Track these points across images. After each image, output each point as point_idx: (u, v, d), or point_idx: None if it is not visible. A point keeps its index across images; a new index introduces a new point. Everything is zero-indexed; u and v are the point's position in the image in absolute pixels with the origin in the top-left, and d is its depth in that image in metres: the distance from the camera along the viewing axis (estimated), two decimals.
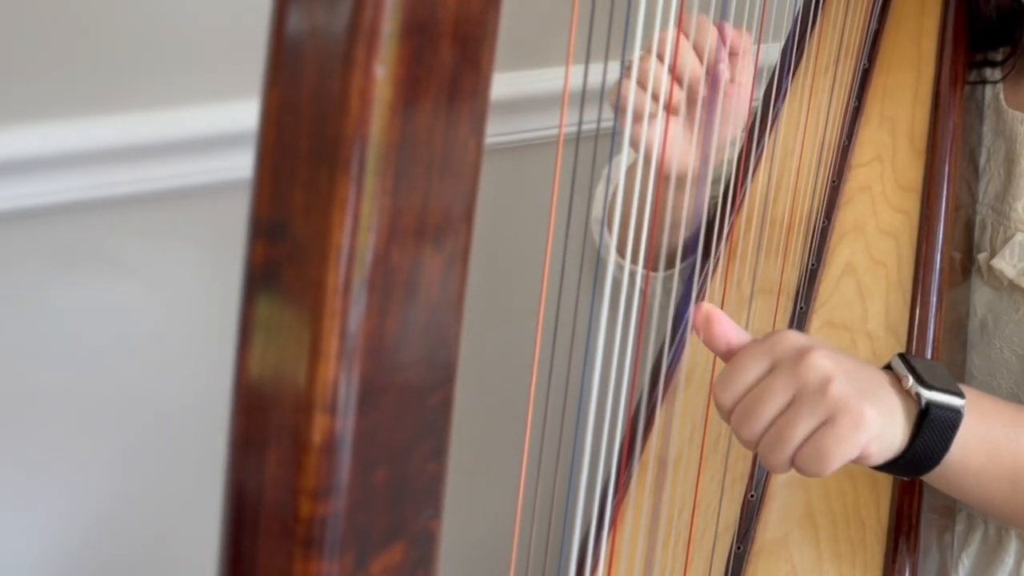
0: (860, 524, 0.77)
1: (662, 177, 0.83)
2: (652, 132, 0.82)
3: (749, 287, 0.89)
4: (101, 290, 1.12)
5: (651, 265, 0.93)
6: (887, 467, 0.70)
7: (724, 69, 0.84)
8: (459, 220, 0.39)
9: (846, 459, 0.66)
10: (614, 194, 0.94)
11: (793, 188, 0.95)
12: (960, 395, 0.70)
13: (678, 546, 0.77)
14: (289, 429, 0.36)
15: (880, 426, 0.67)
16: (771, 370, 0.68)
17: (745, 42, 0.85)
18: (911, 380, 0.69)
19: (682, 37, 0.83)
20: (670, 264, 0.97)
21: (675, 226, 0.92)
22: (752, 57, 0.87)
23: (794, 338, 0.69)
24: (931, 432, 0.69)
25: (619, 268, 0.90)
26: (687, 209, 0.90)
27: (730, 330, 0.70)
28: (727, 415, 0.69)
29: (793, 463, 0.67)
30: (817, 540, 0.77)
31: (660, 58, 0.83)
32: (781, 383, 0.67)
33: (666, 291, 0.98)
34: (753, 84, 0.88)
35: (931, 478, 0.74)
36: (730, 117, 0.88)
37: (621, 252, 0.74)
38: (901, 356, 0.72)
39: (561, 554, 0.63)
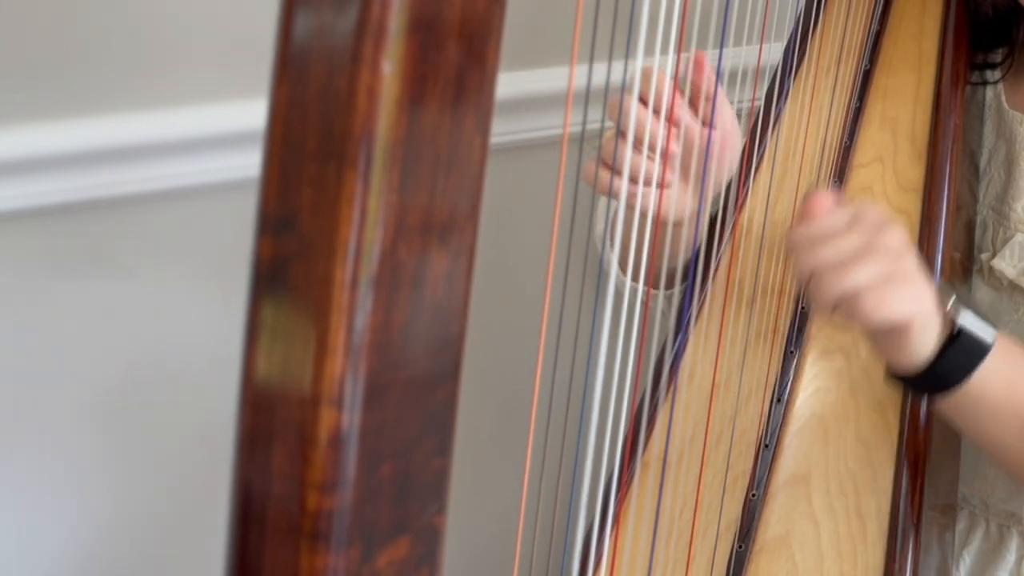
0: (861, 522, 0.77)
1: (659, 222, 0.83)
2: (646, 189, 0.81)
3: (751, 287, 0.89)
4: (101, 290, 1.12)
5: (652, 284, 0.93)
6: (913, 381, 0.76)
7: (695, 128, 0.83)
8: (465, 217, 0.39)
9: (896, 315, 0.71)
10: (615, 215, 0.94)
11: (795, 188, 0.95)
12: (992, 330, 0.75)
13: (680, 544, 0.77)
14: (296, 424, 0.36)
15: (929, 311, 0.73)
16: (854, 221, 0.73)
17: (709, 84, 0.82)
18: (952, 301, 0.74)
19: (641, 107, 0.79)
20: (671, 284, 0.97)
21: (674, 255, 0.91)
22: (724, 92, 0.84)
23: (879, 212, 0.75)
24: (958, 353, 0.74)
25: (621, 282, 0.90)
26: (685, 240, 0.90)
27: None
28: (799, 244, 0.73)
29: (841, 303, 0.71)
30: (818, 539, 0.77)
31: (623, 134, 0.80)
32: (864, 232, 0.72)
33: (667, 300, 0.98)
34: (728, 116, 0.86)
35: (951, 408, 0.78)
36: (722, 161, 0.87)
37: (623, 268, 0.74)
38: (946, 284, 0.78)
39: (564, 551, 0.64)
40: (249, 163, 0.37)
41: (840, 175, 0.97)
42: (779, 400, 0.84)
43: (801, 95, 0.99)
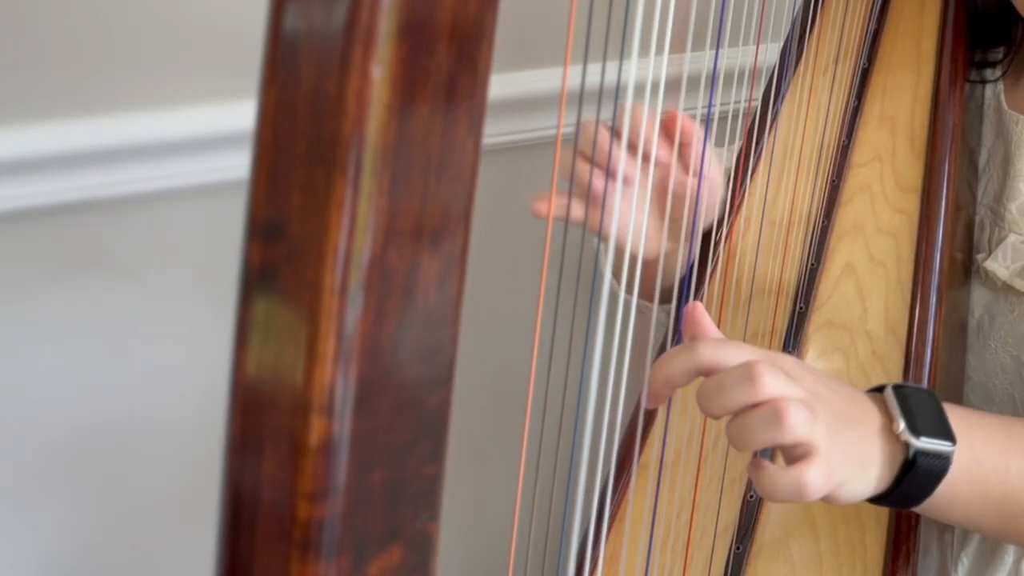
0: (860, 524, 0.77)
1: (622, 254, 0.81)
2: (612, 221, 0.78)
3: (748, 287, 0.89)
4: (101, 290, 1.12)
5: (647, 298, 0.92)
6: (874, 501, 0.68)
7: (671, 172, 0.81)
8: (456, 221, 0.38)
9: (797, 499, 0.63)
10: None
11: (793, 188, 0.95)
12: (951, 438, 0.67)
13: (677, 547, 0.77)
14: (286, 431, 0.36)
15: (849, 475, 0.64)
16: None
17: (692, 131, 0.80)
18: (902, 424, 0.66)
19: (606, 134, 0.77)
20: (663, 300, 0.97)
21: (650, 281, 0.91)
22: (710, 142, 0.83)
23: (790, 358, 0.67)
24: (916, 480, 0.66)
25: (616, 287, 0.90)
26: (660, 272, 0.88)
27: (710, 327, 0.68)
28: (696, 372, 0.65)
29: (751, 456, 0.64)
30: (817, 540, 0.77)
31: (586, 156, 0.77)
32: (770, 379, 0.62)
33: (663, 311, 0.98)
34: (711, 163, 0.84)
35: (921, 510, 0.71)
36: (700, 211, 0.85)
37: (617, 277, 0.73)
38: (896, 389, 0.68)
39: (560, 555, 0.63)
40: (248, 164, 0.37)
41: (838, 174, 0.97)
42: None
43: (799, 95, 0.99)
